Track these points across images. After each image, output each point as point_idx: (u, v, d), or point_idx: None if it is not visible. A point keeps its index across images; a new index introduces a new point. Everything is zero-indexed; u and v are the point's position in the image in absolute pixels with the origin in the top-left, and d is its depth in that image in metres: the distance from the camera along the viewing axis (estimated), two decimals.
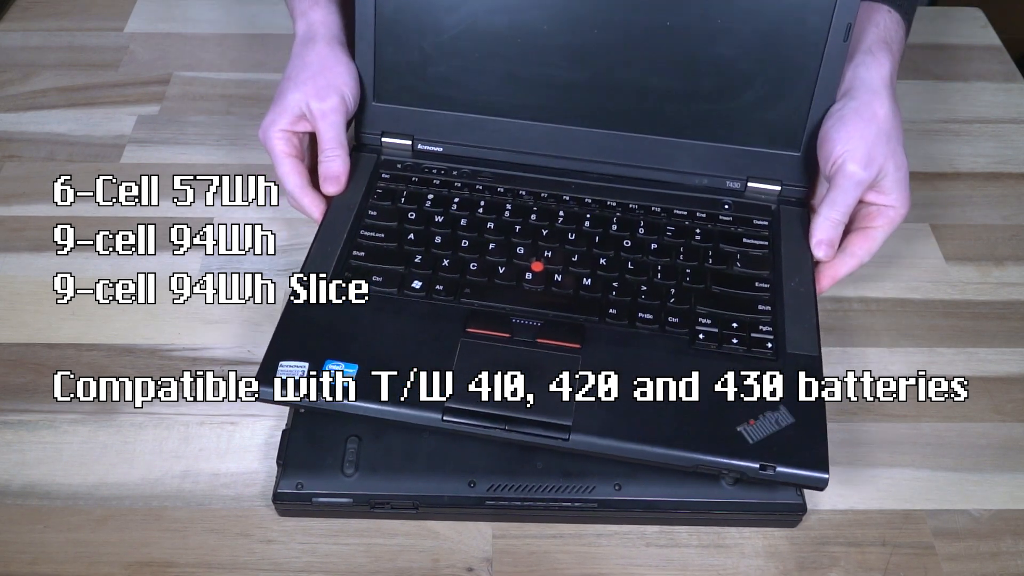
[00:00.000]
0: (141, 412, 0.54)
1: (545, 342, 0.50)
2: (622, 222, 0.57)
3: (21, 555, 0.48)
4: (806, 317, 0.53)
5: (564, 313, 0.52)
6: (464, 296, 0.53)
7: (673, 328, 0.52)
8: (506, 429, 0.47)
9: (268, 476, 0.51)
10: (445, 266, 0.54)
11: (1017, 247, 0.64)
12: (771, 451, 0.46)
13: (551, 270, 0.55)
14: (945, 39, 0.81)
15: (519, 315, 0.52)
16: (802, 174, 0.59)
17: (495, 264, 0.55)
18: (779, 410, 0.47)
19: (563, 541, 0.49)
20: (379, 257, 0.55)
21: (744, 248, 0.56)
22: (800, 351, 0.51)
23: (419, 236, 0.56)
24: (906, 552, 0.49)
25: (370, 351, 0.49)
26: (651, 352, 0.50)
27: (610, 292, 0.53)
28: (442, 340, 0.50)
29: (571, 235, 0.56)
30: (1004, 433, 0.54)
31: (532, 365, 0.49)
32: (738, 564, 0.48)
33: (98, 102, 0.73)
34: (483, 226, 0.57)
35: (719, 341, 0.51)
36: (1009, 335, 0.59)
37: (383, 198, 0.58)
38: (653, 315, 0.52)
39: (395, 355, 0.49)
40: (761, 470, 0.45)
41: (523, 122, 0.60)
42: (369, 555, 0.48)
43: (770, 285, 0.54)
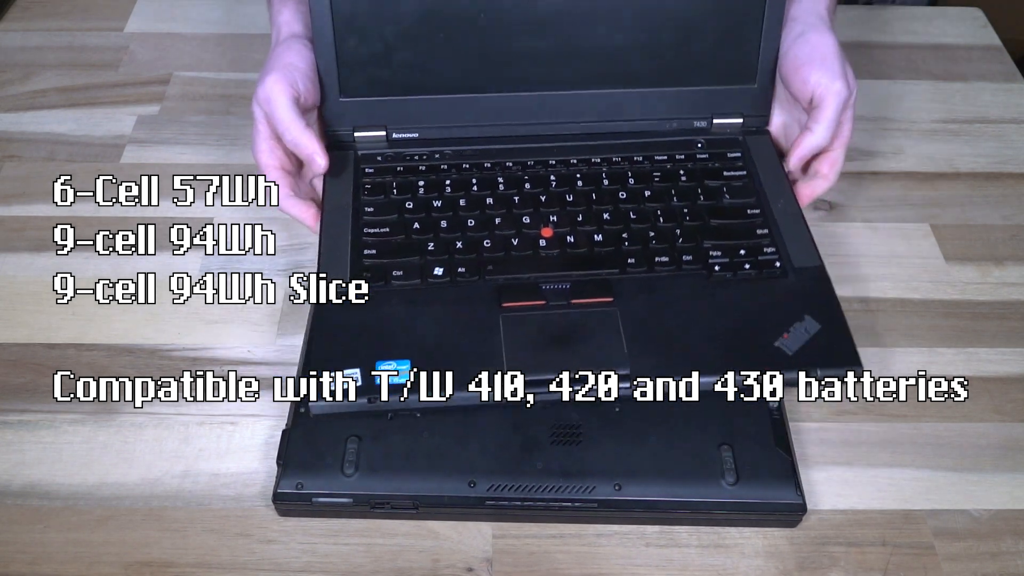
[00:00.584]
0: (141, 412, 0.54)
1: (579, 302, 0.52)
2: (611, 176, 0.59)
3: (21, 555, 0.48)
4: (801, 233, 0.56)
5: (587, 271, 0.54)
6: (488, 273, 0.54)
7: (689, 266, 0.54)
8: (574, 390, 0.48)
9: (268, 476, 0.51)
10: (459, 248, 0.55)
11: (1017, 247, 0.64)
12: (810, 357, 0.49)
13: (561, 233, 0.56)
14: (945, 39, 0.81)
15: (546, 281, 0.53)
16: (761, 104, 0.62)
17: (507, 237, 0.56)
18: (805, 320, 0.51)
19: (563, 541, 0.49)
20: (392, 252, 0.55)
21: (727, 180, 0.59)
22: (805, 264, 0.54)
23: (424, 224, 0.57)
24: (906, 552, 0.49)
25: (416, 344, 0.50)
26: (677, 291, 0.53)
27: (622, 244, 0.56)
28: (482, 320, 0.51)
29: (569, 196, 0.58)
30: (1004, 433, 0.54)
31: (575, 326, 0.51)
32: (738, 564, 0.48)
33: (98, 102, 0.73)
34: (483, 202, 0.58)
35: (733, 270, 0.54)
36: (1009, 335, 0.59)
37: (374, 192, 0.58)
38: (669, 257, 0.55)
39: (442, 344, 0.50)
40: (807, 376, 0.48)
41: (494, 95, 0.61)
42: (369, 555, 0.49)
43: (760, 210, 0.58)
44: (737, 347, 0.50)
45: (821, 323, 0.51)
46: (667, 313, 0.52)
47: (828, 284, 0.53)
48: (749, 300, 0.53)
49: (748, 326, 0.51)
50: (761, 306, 0.52)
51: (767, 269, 0.54)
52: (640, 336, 0.50)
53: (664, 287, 0.54)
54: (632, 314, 0.51)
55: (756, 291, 0.53)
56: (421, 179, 0.59)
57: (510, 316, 0.51)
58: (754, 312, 0.52)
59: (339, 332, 0.50)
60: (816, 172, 0.59)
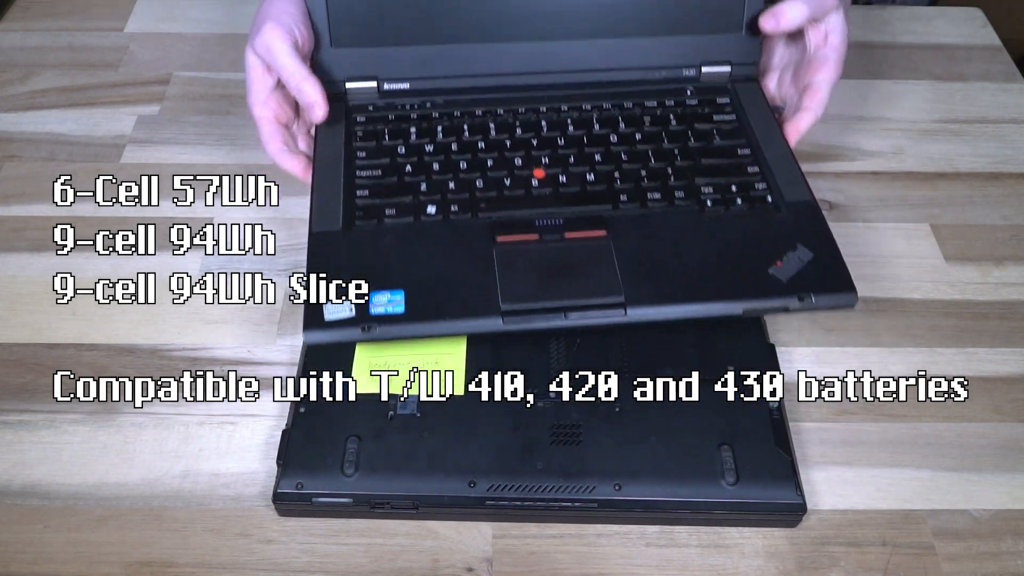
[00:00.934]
0: (141, 412, 0.54)
1: (573, 235, 0.53)
2: (602, 120, 0.61)
3: (21, 555, 0.48)
4: (791, 170, 0.58)
5: (580, 207, 0.55)
6: (481, 211, 0.55)
7: (682, 201, 0.56)
8: (564, 315, 0.50)
9: (268, 476, 0.51)
10: (452, 188, 0.56)
11: (1017, 247, 0.64)
12: (803, 284, 0.51)
13: (553, 174, 0.57)
14: (945, 39, 0.81)
15: (539, 217, 0.55)
16: (748, 52, 0.64)
17: (499, 178, 0.57)
18: (798, 248, 0.53)
19: (563, 541, 0.49)
20: (384, 192, 0.56)
21: (716, 124, 0.61)
22: (796, 199, 0.56)
23: (416, 167, 0.58)
24: (906, 552, 0.49)
25: (410, 276, 0.51)
26: (670, 225, 0.55)
27: (615, 182, 0.57)
28: (476, 253, 0.52)
29: (560, 140, 0.60)
30: (1004, 433, 0.54)
31: (569, 258, 0.52)
32: (738, 564, 0.48)
33: (98, 102, 0.73)
34: (474, 147, 0.59)
35: (725, 205, 0.56)
36: (1009, 335, 0.59)
37: (366, 139, 0.60)
38: (661, 194, 0.56)
39: (436, 275, 0.51)
40: (800, 301, 0.50)
41: (484, 45, 0.62)
42: (369, 555, 0.49)
43: (750, 150, 0.60)
44: (731, 275, 0.51)
45: (814, 252, 0.52)
46: (661, 245, 0.53)
47: (820, 216, 0.55)
48: (742, 232, 0.54)
49: (741, 256, 0.53)
50: (754, 238, 0.54)
51: (759, 204, 0.56)
52: (634, 266, 0.52)
53: (657, 222, 0.55)
54: (626, 246, 0.53)
55: (748, 224, 0.55)
56: (412, 126, 0.61)
57: (504, 249, 0.52)
58: (747, 243, 0.53)
59: (333, 267, 0.51)
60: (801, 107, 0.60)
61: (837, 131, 0.72)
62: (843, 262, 0.52)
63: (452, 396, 0.51)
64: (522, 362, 0.53)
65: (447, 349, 0.53)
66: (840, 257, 0.52)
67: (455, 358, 0.53)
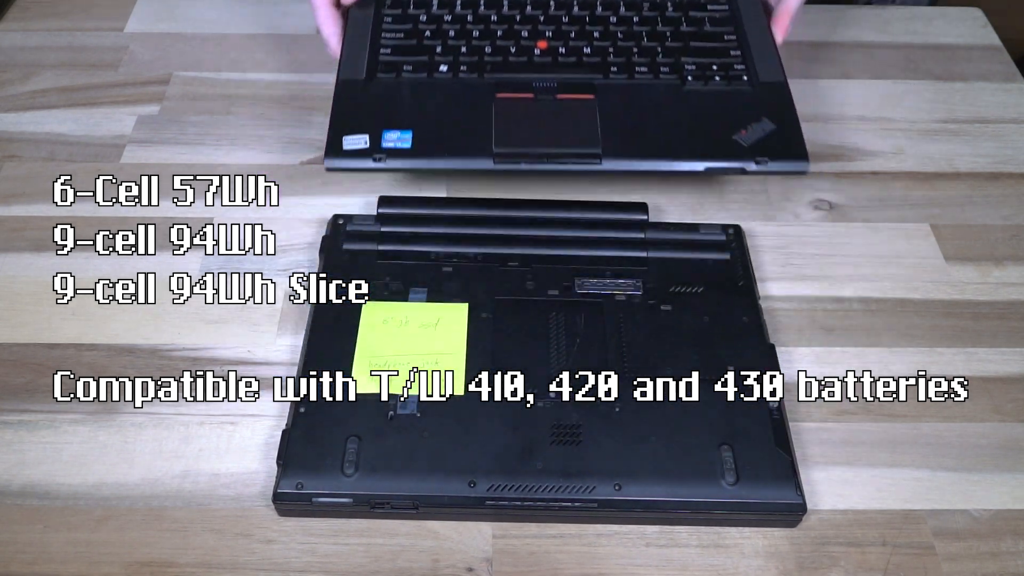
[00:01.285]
0: (141, 412, 0.54)
1: (564, 97, 0.62)
2: (605, 4, 0.69)
3: (21, 555, 0.48)
4: (770, 55, 0.65)
5: (574, 75, 0.64)
6: (486, 72, 0.64)
7: (666, 75, 0.64)
8: (547, 160, 0.58)
9: (268, 476, 0.51)
10: (463, 52, 0.65)
11: (1017, 247, 0.64)
12: (762, 150, 0.58)
13: (554, 46, 0.66)
14: (945, 39, 0.81)
15: (537, 81, 0.63)
16: None
17: (506, 47, 0.65)
18: (762, 120, 0.60)
19: (563, 541, 0.49)
20: (404, 52, 0.65)
21: (709, 13, 0.69)
22: (770, 79, 0.64)
23: (434, 33, 0.66)
24: (906, 552, 0.49)
25: (419, 120, 0.60)
26: (652, 94, 0.63)
27: (608, 55, 0.65)
28: (478, 105, 0.61)
29: (564, 18, 0.67)
30: (1004, 433, 0.54)
31: (557, 114, 0.61)
32: (738, 564, 0.48)
33: (98, 102, 0.73)
34: (488, 19, 0.67)
35: (704, 80, 0.63)
36: (1009, 335, 0.59)
37: (393, 7, 0.68)
38: (648, 67, 0.64)
39: (441, 121, 0.61)
40: (757, 164, 0.58)
41: None
42: (369, 555, 0.49)
43: (736, 36, 0.67)
44: (699, 139, 0.59)
45: (777, 124, 0.60)
46: (640, 109, 0.62)
47: (789, 96, 0.62)
48: (714, 104, 0.62)
49: (711, 124, 0.60)
50: (725, 108, 0.61)
51: (735, 82, 0.63)
52: (614, 125, 0.60)
53: (641, 92, 0.63)
54: (609, 108, 0.61)
55: (722, 97, 0.62)
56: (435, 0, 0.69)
57: (502, 103, 0.61)
58: (718, 112, 0.61)
59: (354, 109, 0.61)
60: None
61: (837, 131, 0.72)
62: (801, 135, 0.59)
63: (452, 396, 0.51)
64: (522, 362, 0.53)
65: (447, 349, 0.53)
66: (799, 130, 0.59)
67: (455, 358, 0.53)
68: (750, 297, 0.57)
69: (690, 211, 0.65)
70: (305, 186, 0.67)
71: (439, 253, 0.59)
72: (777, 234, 0.64)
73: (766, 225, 0.65)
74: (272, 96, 0.74)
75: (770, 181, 0.67)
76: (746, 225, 0.63)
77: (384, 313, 0.55)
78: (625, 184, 0.66)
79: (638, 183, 0.66)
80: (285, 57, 0.77)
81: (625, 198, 0.65)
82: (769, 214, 0.66)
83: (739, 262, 0.59)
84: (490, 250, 0.59)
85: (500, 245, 0.59)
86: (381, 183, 0.66)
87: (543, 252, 0.59)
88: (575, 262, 0.58)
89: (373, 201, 0.62)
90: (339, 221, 0.61)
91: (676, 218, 0.65)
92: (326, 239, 0.60)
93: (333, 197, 0.65)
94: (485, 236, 0.60)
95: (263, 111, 0.72)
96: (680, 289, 0.57)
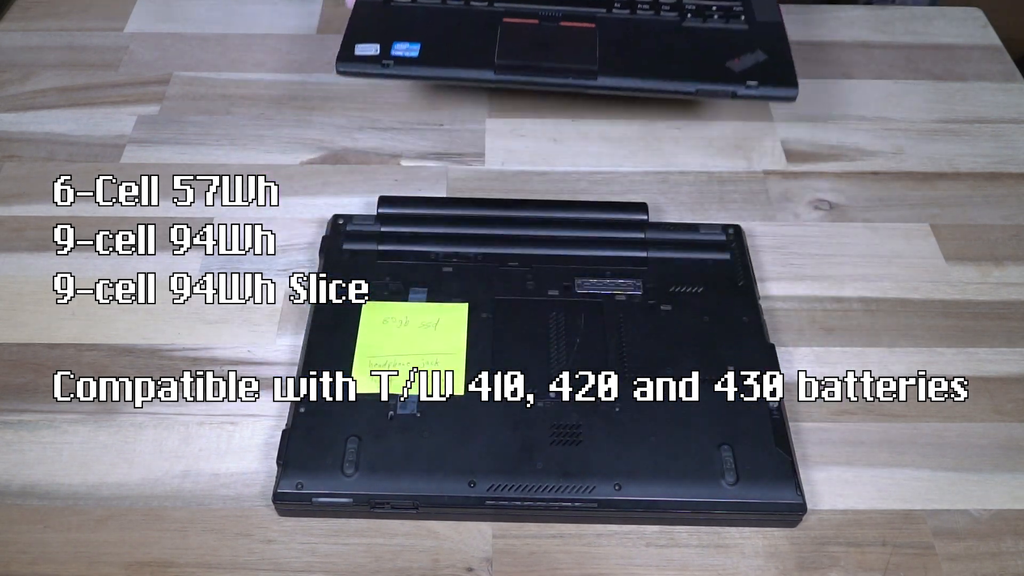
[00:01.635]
0: (141, 412, 0.54)
1: (567, 24, 0.67)
2: None
3: (21, 555, 0.48)
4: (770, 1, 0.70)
5: (579, 7, 0.69)
6: (496, 1, 0.69)
7: (666, 13, 0.68)
8: (544, 73, 0.63)
9: (268, 476, 0.51)
10: None
11: (1017, 247, 0.64)
12: (753, 76, 0.63)
13: None
14: (945, 39, 0.81)
15: (543, 10, 0.69)
16: None
17: None
18: (756, 51, 0.64)
19: (563, 541, 0.49)
20: None
21: None
22: (766, 19, 0.69)
23: None
24: (906, 552, 0.49)
25: (428, 36, 0.66)
26: (650, 29, 0.68)
27: None
28: (484, 28, 0.67)
29: None
30: (1004, 433, 0.54)
31: (558, 39, 0.66)
32: (738, 564, 0.48)
33: (98, 102, 0.73)
34: None
35: (703, 18, 0.68)
36: (1009, 335, 0.59)
37: None
38: (650, 5, 0.69)
39: (449, 37, 0.66)
40: (746, 88, 0.62)
41: None
42: (369, 555, 0.49)
43: None
44: (692, 64, 0.64)
45: (769, 56, 0.64)
46: (638, 40, 0.66)
47: (783, 32, 0.66)
48: (711, 37, 0.66)
49: (705, 53, 0.65)
50: (721, 41, 0.66)
51: (733, 20, 0.68)
52: (612, 50, 0.65)
53: (641, 25, 0.68)
54: (609, 36, 0.66)
55: (719, 32, 0.67)
56: None
57: (508, 26, 0.67)
58: (713, 44, 0.66)
59: (369, 24, 0.66)
60: None
61: (837, 131, 0.72)
62: (792, 65, 0.63)
63: (452, 396, 0.51)
64: (522, 362, 0.53)
65: (447, 349, 0.53)
66: (791, 61, 0.63)
67: (455, 358, 0.53)
68: (750, 297, 0.57)
69: (690, 211, 0.65)
70: (305, 186, 0.67)
71: (439, 253, 0.59)
72: (777, 234, 0.64)
73: (766, 225, 0.65)
74: (272, 96, 0.74)
75: (770, 181, 0.67)
76: (746, 225, 0.63)
77: (384, 313, 0.55)
78: (626, 184, 0.66)
79: (639, 183, 0.67)
80: (285, 57, 0.77)
81: (625, 198, 0.65)
82: (769, 214, 0.66)
83: (739, 262, 0.59)
84: (490, 250, 0.59)
85: (500, 245, 0.59)
86: (381, 182, 0.66)
87: (543, 252, 0.59)
88: (575, 262, 0.58)
89: (373, 201, 0.62)
90: (339, 221, 0.61)
91: (676, 218, 0.65)
92: (326, 239, 0.60)
93: (333, 197, 0.66)
94: (485, 236, 0.60)
95: (263, 111, 0.72)
96: (680, 289, 0.57)
